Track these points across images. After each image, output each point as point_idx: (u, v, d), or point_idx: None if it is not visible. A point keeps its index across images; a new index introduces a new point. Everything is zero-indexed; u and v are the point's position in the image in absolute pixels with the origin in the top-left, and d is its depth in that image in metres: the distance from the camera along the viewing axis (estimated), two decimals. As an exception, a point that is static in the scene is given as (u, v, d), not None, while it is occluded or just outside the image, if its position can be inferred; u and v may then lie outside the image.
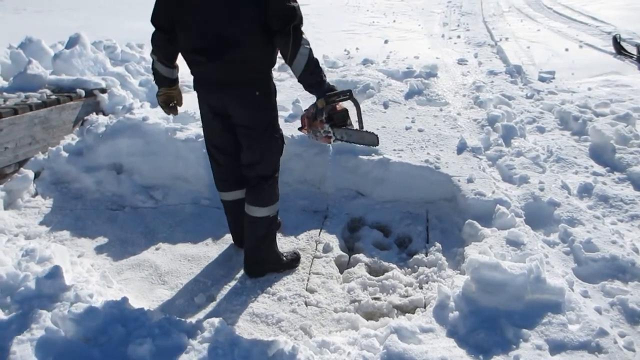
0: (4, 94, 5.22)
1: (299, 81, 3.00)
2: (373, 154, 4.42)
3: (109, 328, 2.60)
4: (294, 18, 2.82)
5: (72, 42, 6.37)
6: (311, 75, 2.93)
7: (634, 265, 3.11)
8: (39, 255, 3.20)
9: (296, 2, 2.87)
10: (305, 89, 3.03)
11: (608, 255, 3.20)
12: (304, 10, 2.99)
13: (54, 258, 3.23)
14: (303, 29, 2.91)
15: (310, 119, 3.08)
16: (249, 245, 3.42)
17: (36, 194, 4.50)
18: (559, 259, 3.28)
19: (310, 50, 2.91)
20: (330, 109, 3.00)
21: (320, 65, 3.01)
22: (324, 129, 3.03)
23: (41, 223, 4.14)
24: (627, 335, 2.62)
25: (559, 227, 3.55)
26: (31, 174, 4.54)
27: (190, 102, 5.79)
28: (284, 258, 3.53)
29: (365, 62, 7.93)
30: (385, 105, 5.73)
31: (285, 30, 2.82)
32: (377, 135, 3.04)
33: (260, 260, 3.45)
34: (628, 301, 2.84)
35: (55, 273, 2.88)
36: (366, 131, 3.07)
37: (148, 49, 8.85)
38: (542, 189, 3.96)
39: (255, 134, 3.14)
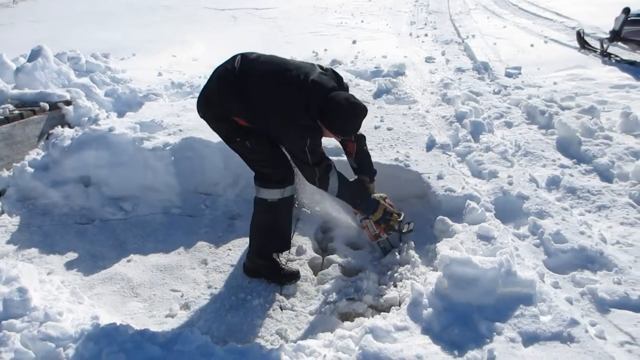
0: (-35, 110, 5.10)
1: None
2: (342, 154, 4.42)
3: (80, 346, 2.55)
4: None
5: (35, 54, 6.25)
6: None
7: (602, 255, 3.16)
8: (6, 276, 3.09)
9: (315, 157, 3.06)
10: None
11: (577, 246, 3.25)
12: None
13: (21, 277, 3.14)
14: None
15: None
16: None
17: (2, 213, 4.39)
18: (529, 251, 3.32)
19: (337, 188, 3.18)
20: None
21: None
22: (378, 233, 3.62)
23: (8, 242, 4.03)
24: (598, 324, 2.66)
25: (528, 220, 3.60)
26: (-4, 192, 4.43)
27: (157, 110, 5.76)
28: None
29: (334, 62, 7.96)
30: (355, 106, 5.73)
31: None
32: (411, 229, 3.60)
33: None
34: (597, 290, 2.88)
35: (22, 293, 2.81)
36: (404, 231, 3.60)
37: (113, 58, 8.82)
38: (510, 183, 4.00)
39: None
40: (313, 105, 2.97)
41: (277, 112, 2.99)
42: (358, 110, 3.04)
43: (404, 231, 3.61)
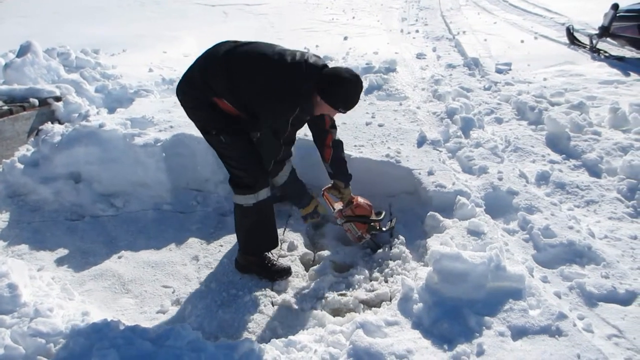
0: (-47, 106, 5.06)
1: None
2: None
3: (70, 342, 2.54)
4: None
5: (24, 50, 6.21)
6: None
7: (590, 250, 3.19)
8: (-5, 272, 3.10)
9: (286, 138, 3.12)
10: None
11: (565, 241, 3.28)
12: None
13: (11, 273, 3.13)
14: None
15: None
16: None
17: (-8, 209, 4.37)
18: (519, 246, 3.34)
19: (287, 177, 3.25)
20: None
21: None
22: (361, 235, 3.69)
23: (-2, 238, 4.02)
24: (586, 318, 2.69)
25: (517, 215, 3.62)
26: (-15, 189, 4.40)
27: (148, 106, 5.74)
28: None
29: (325, 59, 7.92)
30: (346, 102, 5.74)
31: None
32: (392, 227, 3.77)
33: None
34: (585, 284, 2.91)
35: (12, 289, 2.80)
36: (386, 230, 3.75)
37: (104, 54, 8.76)
38: (500, 179, 4.03)
39: None
40: (308, 81, 2.93)
41: (265, 89, 2.92)
42: (359, 81, 3.02)
43: (384, 229, 3.69)
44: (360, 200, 3.69)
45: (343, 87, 2.95)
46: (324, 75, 2.95)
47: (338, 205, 3.75)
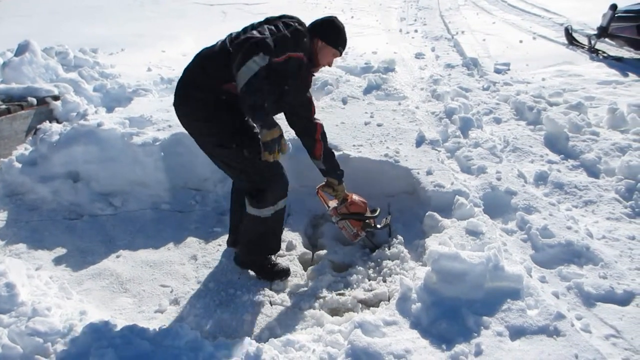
0: (-49, 105, 5.05)
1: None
2: (332, 150, 4.44)
3: (68, 341, 2.54)
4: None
5: (22, 49, 6.20)
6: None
7: (588, 250, 3.20)
8: (-7, 271, 3.10)
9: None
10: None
11: (564, 241, 3.28)
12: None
13: (9, 273, 3.12)
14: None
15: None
16: None
17: (-11, 208, 4.37)
18: (517, 246, 3.35)
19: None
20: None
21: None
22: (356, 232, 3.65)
23: (-4, 237, 4.01)
24: (584, 318, 2.69)
25: (516, 215, 3.63)
26: (-17, 188, 4.40)
27: (146, 105, 5.73)
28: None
29: (324, 59, 7.94)
30: (344, 101, 5.76)
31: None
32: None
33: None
34: (583, 284, 2.92)
35: (10, 288, 2.80)
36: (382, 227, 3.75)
37: (102, 53, 8.75)
38: (499, 179, 4.04)
39: None
40: (307, 33, 3.10)
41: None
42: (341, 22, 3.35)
43: (379, 227, 3.69)
44: (355, 197, 3.68)
45: (337, 28, 3.28)
46: (318, 23, 3.26)
47: (332, 203, 3.75)
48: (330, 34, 3.23)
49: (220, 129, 3.02)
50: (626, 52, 8.45)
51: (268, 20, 3.06)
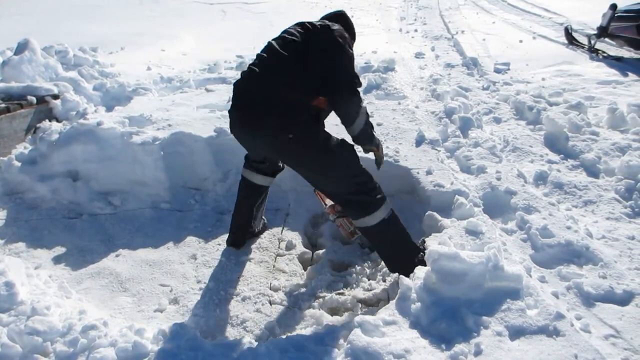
0: (-49, 104, 5.05)
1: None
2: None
3: (67, 340, 2.54)
4: None
5: (21, 47, 6.20)
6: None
7: (588, 250, 3.19)
8: (-8, 270, 3.09)
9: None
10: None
11: (563, 241, 3.28)
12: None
13: (8, 272, 3.12)
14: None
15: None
16: None
17: (-11, 206, 4.36)
18: (517, 246, 3.34)
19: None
20: None
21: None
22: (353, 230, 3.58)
23: (-5, 236, 4.01)
24: (583, 318, 2.69)
25: (516, 215, 3.62)
26: (-18, 187, 4.40)
27: (146, 104, 5.73)
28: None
29: (324, 58, 7.94)
30: (345, 101, 5.74)
31: None
32: None
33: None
34: (583, 284, 2.91)
35: (9, 287, 2.80)
36: None
37: (102, 52, 8.75)
38: (499, 179, 4.03)
39: None
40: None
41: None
42: None
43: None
44: None
45: (349, 20, 3.63)
46: (334, 17, 3.54)
47: (330, 201, 3.73)
48: (350, 25, 3.54)
49: (313, 138, 3.00)
50: (626, 52, 8.45)
51: (325, 29, 3.17)
